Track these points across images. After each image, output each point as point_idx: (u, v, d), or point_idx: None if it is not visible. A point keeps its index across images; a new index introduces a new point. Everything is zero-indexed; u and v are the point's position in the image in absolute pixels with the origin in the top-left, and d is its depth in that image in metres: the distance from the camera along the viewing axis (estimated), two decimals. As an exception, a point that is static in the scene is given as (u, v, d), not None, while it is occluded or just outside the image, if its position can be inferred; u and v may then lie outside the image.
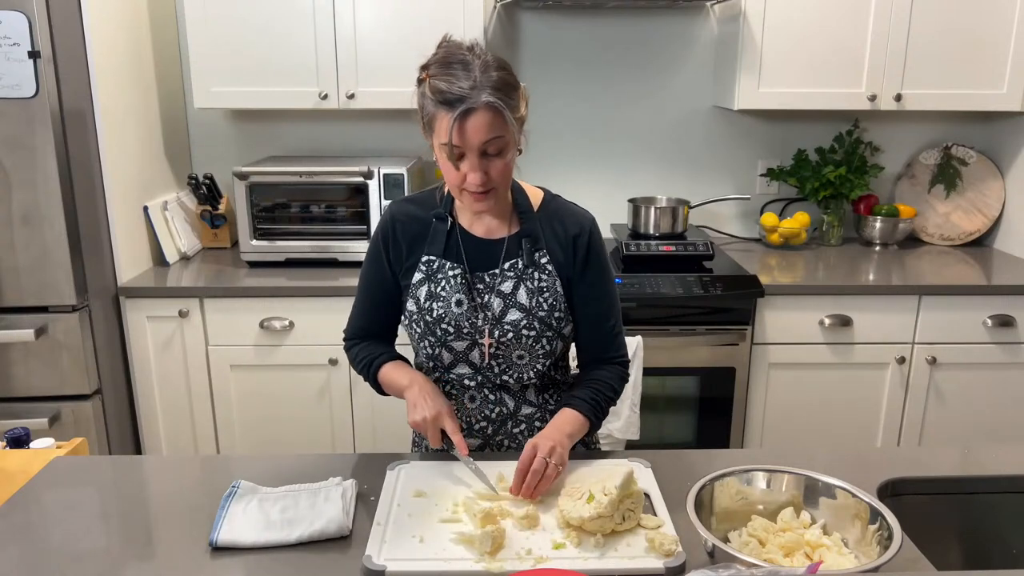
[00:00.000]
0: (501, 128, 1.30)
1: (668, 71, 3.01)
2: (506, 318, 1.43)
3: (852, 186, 2.93)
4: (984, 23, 2.63)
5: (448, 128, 1.28)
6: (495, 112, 1.28)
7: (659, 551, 1.13)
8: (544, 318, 1.43)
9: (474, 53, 1.32)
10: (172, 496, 1.34)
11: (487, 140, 1.29)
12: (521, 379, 1.47)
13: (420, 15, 2.58)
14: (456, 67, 1.29)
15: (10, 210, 2.22)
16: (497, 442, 1.52)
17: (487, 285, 1.45)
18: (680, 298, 2.48)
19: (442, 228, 1.46)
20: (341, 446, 2.63)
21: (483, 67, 1.29)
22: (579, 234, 1.47)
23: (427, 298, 1.44)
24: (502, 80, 1.30)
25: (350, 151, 3.04)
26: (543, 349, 1.45)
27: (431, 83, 1.30)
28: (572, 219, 1.48)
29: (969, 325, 2.56)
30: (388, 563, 1.11)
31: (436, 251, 1.45)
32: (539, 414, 1.52)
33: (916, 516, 1.31)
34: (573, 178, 3.09)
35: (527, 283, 1.44)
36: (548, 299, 1.44)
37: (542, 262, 1.45)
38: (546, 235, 1.47)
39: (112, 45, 2.44)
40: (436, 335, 1.44)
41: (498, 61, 1.32)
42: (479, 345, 1.44)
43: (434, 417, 1.37)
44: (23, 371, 2.34)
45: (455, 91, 1.27)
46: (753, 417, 2.63)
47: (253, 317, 2.51)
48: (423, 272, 1.46)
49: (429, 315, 1.44)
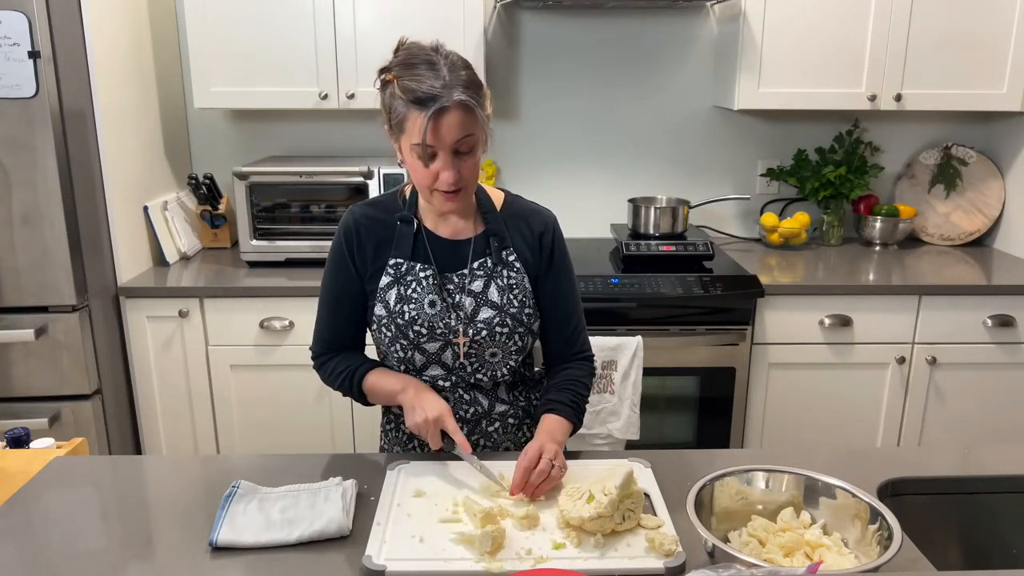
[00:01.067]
0: (473, 126, 1.30)
1: (668, 71, 3.01)
2: (479, 316, 1.44)
3: (852, 186, 2.93)
4: (984, 23, 2.63)
5: (422, 127, 1.28)
6: (467, 110, 1.29)
7: (659, 551, 1.13)
8: (515, 314, 1.45)
9: (439, 53, 1.32)
10: (172, 496, 1.34)
11: (460, 138, 1.30)
12: (494, 377, 1.49)
13: (420, 15, 2.58)
14: (423, 67, 1.29)
15: (10, 210, 2.22)
16: (473, 441, 1.52)
17: (457, 285, 1.45)
18: (680, 298, 2.48)
19: (408, 230, 1.46)
20: (341, 446, 2.63)
21: (451, 66, 1.30)
22: (544, 232, 1.50)
23: (397, 301, 1.44)
24: (470, 79, 1.31)
25: (350, 151, 3.04)
26: (515, 345, 1.46)
27: (400, 83, 1.30)
28: (536, 218, 1.51)
29: (969, 325, 2.56)
30: (388, 563, 1.11)
31: (403, 254, 1.46)
32: (512, 411, 1.53)
33: (916, 516, 1.31)
34: (573, 178, 3.09)
35: (497, 281, 1.45)
36: (518, 296, 1.46)
37: (510, 260, 1.47)
38: (511, 234, 1.48)
39: (112, 45, 2.44)
40: (408, 337, 1.44)
41: (463, 60, 1.33)
42: (452, 345, 1.45)
43: (436, 418, 1.37)
44: (23, 371, 2.34)
45: (427, 90, 1.27)
46: (753, 417, 2.63)
47: (253, 317, 2.51)
48: (391, 275, 1.45)
49: (401, 318, 1.44)
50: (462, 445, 1.36)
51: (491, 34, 2.93)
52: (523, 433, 1.56)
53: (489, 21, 2.91)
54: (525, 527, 1.21)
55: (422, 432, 1.38)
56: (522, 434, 1.56)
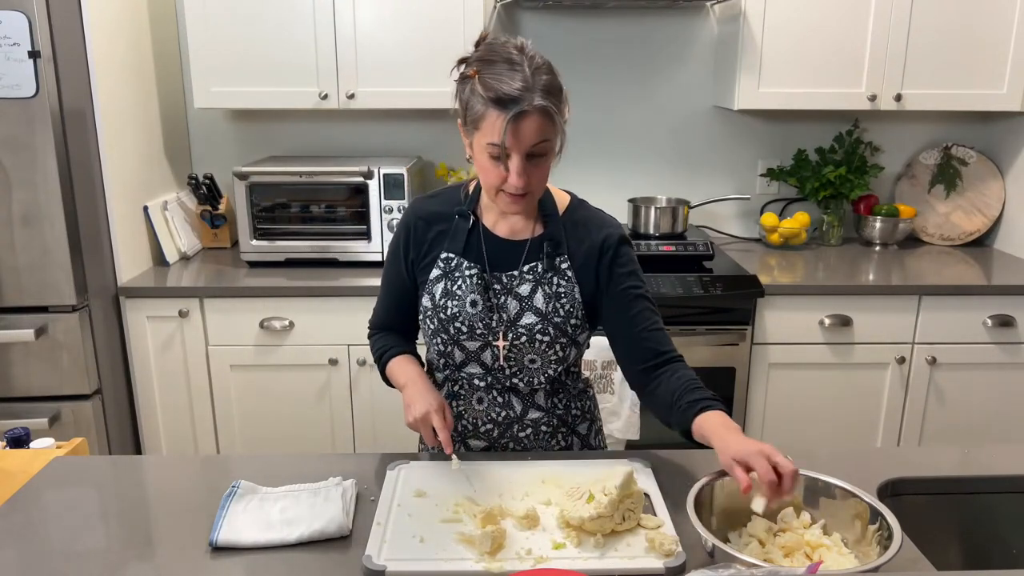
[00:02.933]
0: (550, 132, 1.28)
1: (668, 71, 3.01)
2: (521, 321, 1.41)
3: (852, 186, 2.93)
4: (984, 23, 2.63)
5: (501, 129, 1.25)
6: (547, 116, 1.26)
7: (659, 551, 1.13)
8: (559, 324, 1.41)
9: (524, 53, 1.29)
10: (172, 496, 1.34)
11: (536, 143, 1.28)
12: (531, 383, 1.46)
13: (420, 15, 2.58)
14: (504, 66, 1.26)
15: (10, 210, 2.22)
16: (502, 445, 1.51)
17: (504, 286, 1.43)
18: (680, 298, 2.48)
19: (464, 226, 1.45)
20: (341, 446, 2.63)
21: (534, 69, 1.27)
22: (605, 240, 1.43)
23: (443, 295, 1.43)
24: (552, 83, 1.28)
25: (350, 151, 3.04)
26: (556, 355, 1.43)
27: (482, 79, 1.27)
28: (598, 226, 1.45)
29: (969, 325, 2.56)
30: (388, 563, 1.11)
31: (455, 249, 1.44)
32: (546, 419, 1.50)
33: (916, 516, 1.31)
34: (573, 178, 3.08)
35: (545, 287, 1.42)
36: (565, 305, 1.42)
37: (562, 267, 1.43)
38: (569, 241, 1.44)
39: (112, 45, 2.44)
40: (449, 333, 1.43)
41: (547, 64, 1.30)
42: (492, 346, 1.42)
43: (423, 416, 1.35)
44: (23, 371, 2.34)
45: (509, 92, 1.24)
46: (753, 417, 2.63)
47: (253, 317, 2.51)
48: (441, 269, 1.45)
49: (443, 312, 1.43)
50: (444, 444, 1.33)
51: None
52: (556, 441, 1.51)
53: (489, 21, 2.91)
54: (525, 527, 1.20)
55: (417, 430, 1.38)
56: (555, 442, 1.51)
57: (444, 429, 1.34)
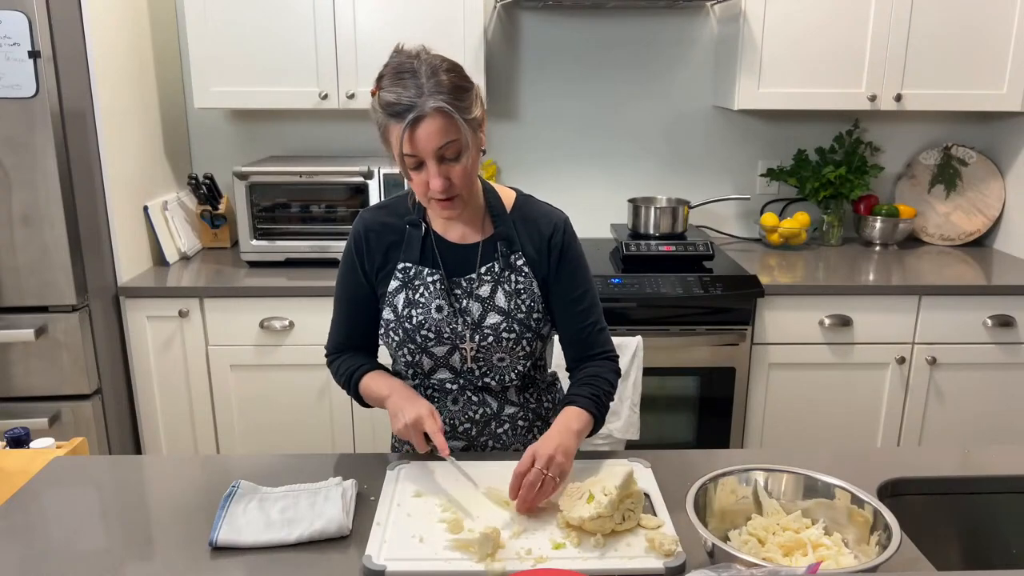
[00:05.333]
0: (453, 132, 1.29)
1: (668, 71, 3.01)
2: (486, 322, 1.43)
3: (852, 186, 2.93)
4: (984, 23, 2.63)
5: (400, 138, 1.28)
6: (445, 116, 1.27)
7: (659, 551, 1.13)
8: (523, 320, 1.44)
9: (420, 59, 1.30)
10: (172, 496, 1.34)
11: (441, 145, 1.29)
12: (503, 380, 1.48)
13: (420, 15, 2.58)
14: (404, 76, 1.28)
15: (10, 210, 2.22)
16: (481, 443, 1.52)
17: (464, 290, 1.45)
18: (680, 298, 2.48)
19: (416, 234, 1.46)
20: (341, 446, 2.63)
21: (430, 72, 1.28)
22: (552, 234, 1.47)
23: (405, 305, 1.44)
24: (451, 83, 1.29)
25: (350, 151, 3.04)
26: (523, 351, 1.46)
27: (380, 96, 1.30)
28: (545, 219, 1.49)
29: (969, 325, 2.56)
30: (388, 563, 1.11)
31: (412, 258, 1.45)
32: (521, 413, 1.53)
33: (916, 516, 1.31)
34: (573, 178, 3.09)
35: (504, 286, 1.45)
36: (526, 301, 1.45)
37: (518, 264, 1.46)
38: (520, 236, 1.47)
39: (112, 45, 2.44)
40: (416, 342, 1.44)
41: (447, 64, 1.31)
42: (460, 349, 1.44)
43: (414, 422, 1.34)
44: (23, 371, 2.34)
45: (402, 101, 1.26)
46: (753, 417, 2.63)
47: (253, 317, 2.51)
48: (400, 279, 1.45)
49: (408, 322, 1.44)
50: (441, 448, 1.33)
51: (491, 34, 2.93)
52: (533, 435, 1.55)
53: (489, 21, 2.91)
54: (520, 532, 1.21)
55: (407, 438, 1.37)
56: (532, 436, 1.55)
57: (438, 432, 1.34)
